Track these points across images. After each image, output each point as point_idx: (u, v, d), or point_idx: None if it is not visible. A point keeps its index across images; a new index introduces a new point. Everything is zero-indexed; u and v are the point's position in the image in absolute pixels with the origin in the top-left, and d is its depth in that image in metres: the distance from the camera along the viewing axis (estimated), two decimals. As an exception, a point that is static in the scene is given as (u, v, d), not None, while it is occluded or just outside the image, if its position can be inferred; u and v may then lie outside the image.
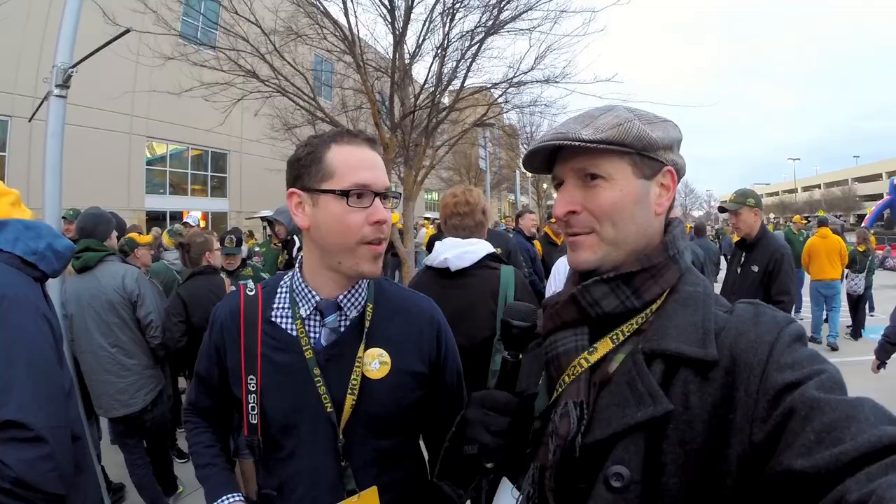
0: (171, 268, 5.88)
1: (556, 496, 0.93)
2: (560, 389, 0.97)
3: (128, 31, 3.53)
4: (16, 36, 15.75)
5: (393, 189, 1.40)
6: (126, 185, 20.14)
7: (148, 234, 8.26)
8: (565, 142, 0.95)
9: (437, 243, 2.67)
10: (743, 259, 4.68)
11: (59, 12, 3.42)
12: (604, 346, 0.96)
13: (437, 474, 1.23)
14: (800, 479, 0.66)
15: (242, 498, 1.45)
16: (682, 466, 0.81)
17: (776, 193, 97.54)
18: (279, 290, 1.45)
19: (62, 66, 3.37)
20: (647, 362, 0.88)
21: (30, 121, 4.68)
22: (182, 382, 5.67)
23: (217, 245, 4.38)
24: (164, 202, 22.57)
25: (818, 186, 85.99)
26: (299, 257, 1.46)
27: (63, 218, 5.57)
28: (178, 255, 4.73)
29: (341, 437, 1.32)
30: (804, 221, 15.51)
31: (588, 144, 0.94)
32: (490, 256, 2.66)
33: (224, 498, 1.43)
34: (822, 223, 10.22)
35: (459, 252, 2.60)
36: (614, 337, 0.96)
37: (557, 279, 4.66)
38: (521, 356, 1.11)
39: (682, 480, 0.81)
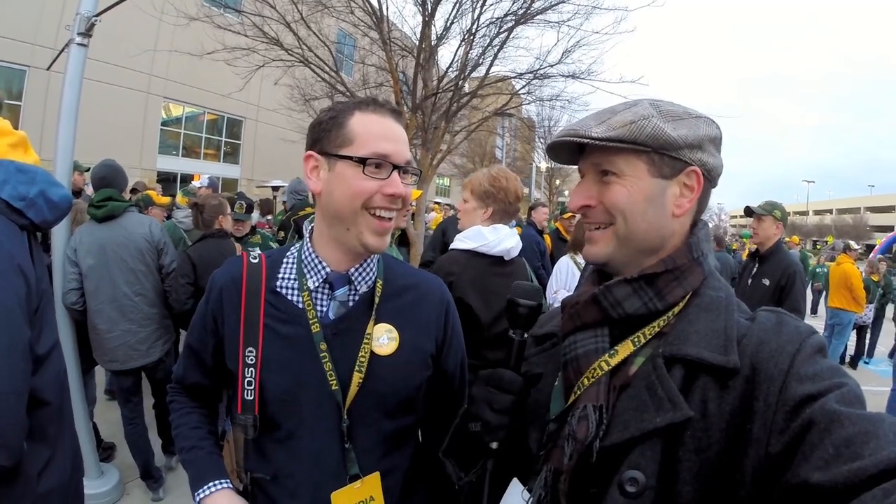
0: (178, 226, 5.80)
1: (569, 500, 0.90)
2: (578, 392, 0.94)
3: (156, -19, 3.46)
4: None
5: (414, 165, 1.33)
6: (139, 144, 20.15)
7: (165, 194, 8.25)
8: (575, 139, 0.94)
9: (487, 230, 2.51)
10: (755, 271, 4.65)
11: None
12: (625, 349, 0.93)
13: (444, 450, 1.19)
14: (816, 493, 0.66)
15: (230, 486, 1.35)
16: (697, 474, 0.79)
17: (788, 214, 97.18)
18: (285, 260, 1.38)
19: (86, 15, 3.30)
20: (666, 366, 0.87)
21: (48, 69, 4.61)
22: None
23: (230, 209, 4.33)
24: (176, 164, 22.59)
25: (830, 212, 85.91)
26: (310, 228, 1.38)
27: (86, 171, 5.54)
28: (188, 214, 4.66)
29: (345, 417, 1.25)
30: (800, 242, 15.38)
31: (597, 142, 0.92)
32: None
33: (211, 484, 1.33)
34: (845, 249, 10.01)
35: (517, 241, 2.54)
36: (636, 339, 0.93)
37: (559, 277, 4.60)
38: (525, 335, 1.09)
39: (696, 488, 0.79)
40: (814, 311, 15.05)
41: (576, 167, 1.06)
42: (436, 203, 25.93)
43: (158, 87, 20.69)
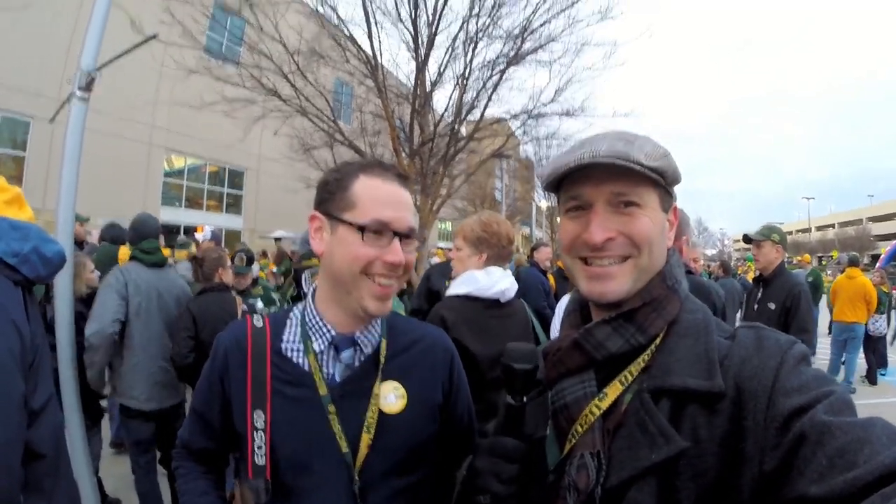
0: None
1: None
2: (573, 440, 0.94)
3: (154, 36, 3.54)
4: (42, 38, 16.03)
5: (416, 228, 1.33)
6: (143, 195, 20.30)
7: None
8: (626, 163, 0.89)
9: (480, 273, 2.52)
10: (760, 295, 4.66)
11: (86, 16, 3.42)
12: (614, 391, 0.93)
13: None
14: None
15: None
16: (697, 501, 0.79)
17: (790, 233, 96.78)
18: (289, 322, 1.37)
19: (86, 70, 3.37)
20: (654, 399, 0.87)
21: (51, 121, 4.69)
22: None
23: (230, 262, 4.36)
24: (179, 215, 22.71)
25: (832, 226, 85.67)
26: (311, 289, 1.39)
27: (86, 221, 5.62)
28: (188, 267, 4.73)
29: (357, 478, 1.22)
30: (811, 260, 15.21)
31: (646, 171, 0.91)
32: None
33: None
34: (853, 263, 9.85)
35: (511, 282, 2.54)
36: (623, 379, 0.93)
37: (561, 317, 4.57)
38: (524, 399, 1.02)
39: None
40: (831, 331, 14.77)
41: None
42: (439, 248, 25.88)
43: (160, 138, 20.96)
